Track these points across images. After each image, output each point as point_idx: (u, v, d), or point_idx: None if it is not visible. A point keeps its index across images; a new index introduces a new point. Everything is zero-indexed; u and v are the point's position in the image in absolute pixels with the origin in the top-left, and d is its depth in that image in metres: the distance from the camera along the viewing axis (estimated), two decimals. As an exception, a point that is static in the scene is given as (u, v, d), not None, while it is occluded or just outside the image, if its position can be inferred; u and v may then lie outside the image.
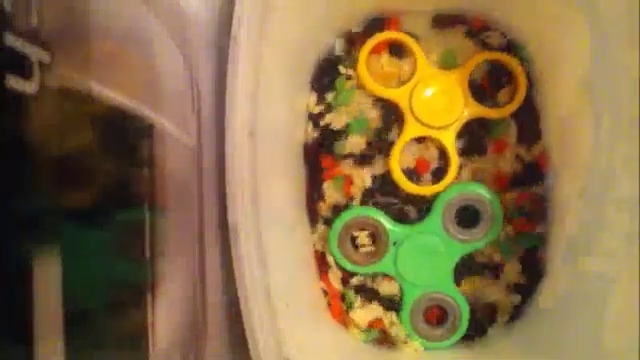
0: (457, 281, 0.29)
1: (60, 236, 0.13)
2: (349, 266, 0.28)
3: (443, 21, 0.29)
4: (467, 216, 0.28)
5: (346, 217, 0.28)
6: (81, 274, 0.14)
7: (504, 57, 0.28)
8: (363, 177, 0.28)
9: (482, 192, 0.28)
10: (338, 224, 0.28)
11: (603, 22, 0.23)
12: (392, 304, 0.29)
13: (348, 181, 0.28)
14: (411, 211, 0.29)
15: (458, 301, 0.28)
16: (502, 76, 0.29)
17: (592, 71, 0.24)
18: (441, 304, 0.28)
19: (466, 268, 0.29)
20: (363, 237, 0.28)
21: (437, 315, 0.29)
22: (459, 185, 0.28)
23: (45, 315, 0.11)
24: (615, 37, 0.23)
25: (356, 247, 0.29)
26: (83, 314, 0.14)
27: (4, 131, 0.11)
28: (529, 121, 0.28)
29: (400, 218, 0.29)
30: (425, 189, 0.28)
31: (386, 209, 0.28)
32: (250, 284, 0.22)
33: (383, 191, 0.29)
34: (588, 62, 0.25)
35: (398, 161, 0.28)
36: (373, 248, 0.28)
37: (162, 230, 0.19)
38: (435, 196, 0.28)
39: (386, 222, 0.28)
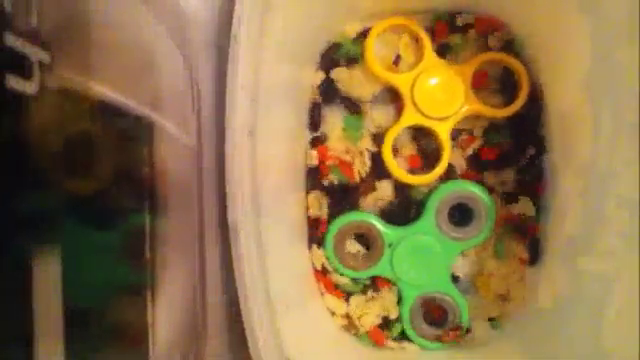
0: (455, 280, 0.29)
1: (60, 236, 0.13)
2: (346, 271, 0.28)
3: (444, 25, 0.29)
4: (460, 214, 0.29)
5: (340, 223, 0.28)
6: (81, 274, 0.14)
7: (510, 60, 0.28)
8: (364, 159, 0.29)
9: (473, 189, 0.28)
10: (332, 230, 0.28)
11: (604, 22, 0.23)
12: (392, 305, 0.29)
13: (346, 166, 0.28)
14: (403, 212, 0.29)
15: (457, 300, 0.28)
16: (506, 77, 0.29)
17: (593, 71, 0.24)
18: (440, 303, 0.28)
19: (464, 268, 0.29)
20: (353, 245, 0.29)
21: (437, 315, 0.29)
22: (450, 183, 0.28)
23: (45, 315, 0.11)
24: (616, 37, 0.23)
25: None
26: (83, 314, 0.14)
27: (4, 131, 0.11)
28: (529, 121, 0.28)
29: (393, 220, 0.29)
30: (416, 178, 0.28)
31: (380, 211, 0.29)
32: (250, 283, 0.22)
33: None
34: (589, 62, 0.25)
35: (391, 148, 0.28)
36: (367, 252, 0.28)
37: (162, 230, 0.19)
38: (427, 196, 0.28)
39: (379, 225, 0.28)
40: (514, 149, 0.29)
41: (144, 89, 0.18)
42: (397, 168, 0.28)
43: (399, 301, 0.29)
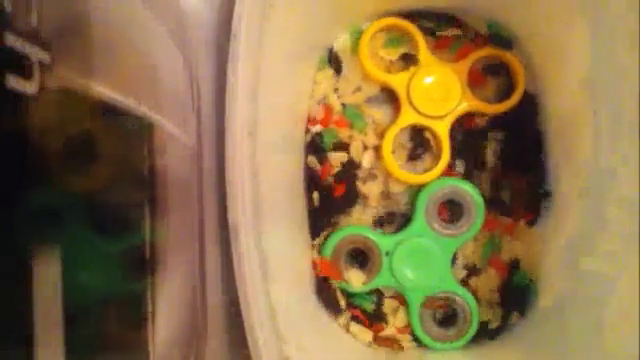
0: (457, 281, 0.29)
1: (60, 236, 0.13)
2: (348, 287, 0.28)
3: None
4: (450, 210, 0.29)
5: (333, 241, 0.28)
6: (81, 274, 0.14)
7: (505, 54, 0.28)
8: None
9: (456, 183, 0.28)
10: (329, 248, 0.28)
11: (604, 22, 0.23)
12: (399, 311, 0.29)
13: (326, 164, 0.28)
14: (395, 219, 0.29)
15: (463, 295, 0.28)
16: (502, 73, 0.29)
17: (593, 71, 0.24)
18: (448, 302, 0.28)
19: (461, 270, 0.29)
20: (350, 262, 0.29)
21: (447, 314, 0.29)
22: (433, 182, 0.28)
23: (45, 315, 0.11)
24: (616, 37, 0.23)
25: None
26: (83, 314, 0.14)
27: (4, 131, 0.11)
28: (529, 120, 0.28)
29: (385, 228, 0.29)
30: (415, 177, 0.28)
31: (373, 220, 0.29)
32: (250, 283, 0.22)
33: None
34: (589, 62, 0.25)
35: (391, 148, 0.28)
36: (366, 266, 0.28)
37: (162, 229, 0.19)
38: (415, 198, 0.28)
39: (373, 235, 0.28)
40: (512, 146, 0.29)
41: (144, 89, 0.18)
42: (397, 169, 0.28)
43: (407, 307, 0.28)
